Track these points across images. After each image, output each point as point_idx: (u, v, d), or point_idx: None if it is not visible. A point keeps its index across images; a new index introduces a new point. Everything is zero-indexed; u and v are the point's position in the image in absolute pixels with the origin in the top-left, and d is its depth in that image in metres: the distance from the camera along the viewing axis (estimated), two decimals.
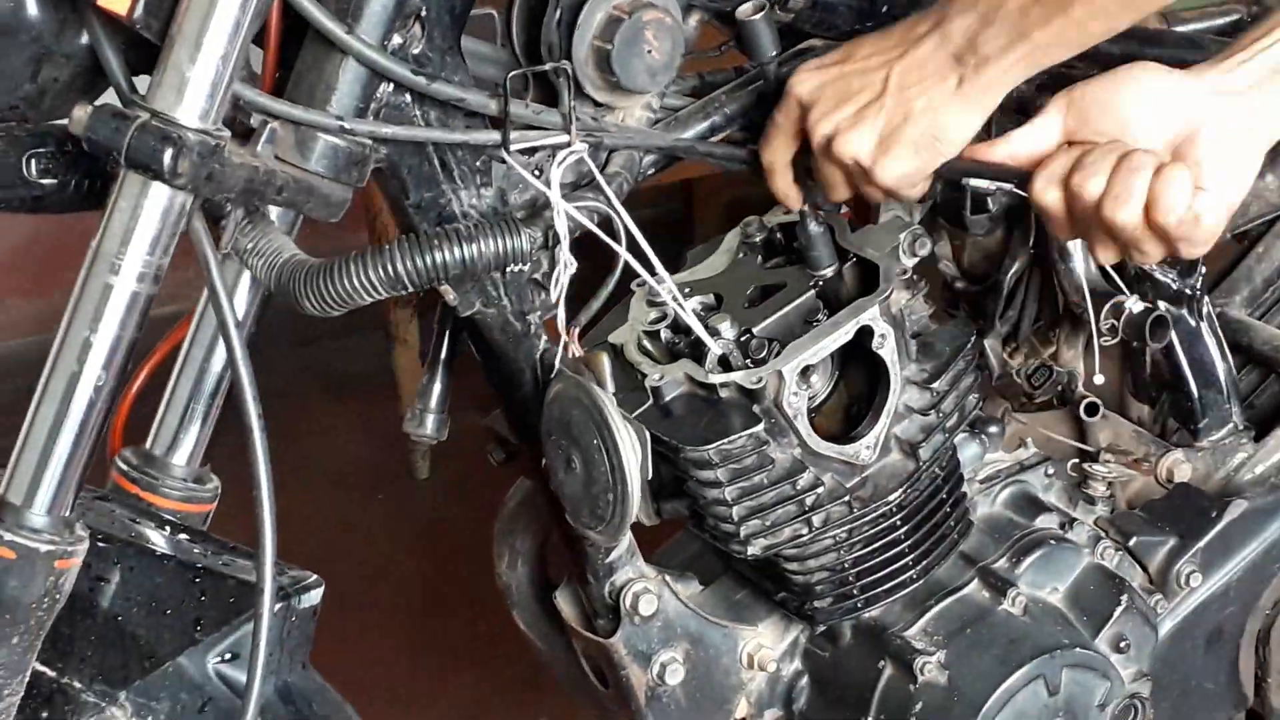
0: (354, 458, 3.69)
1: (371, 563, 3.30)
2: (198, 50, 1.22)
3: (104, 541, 1.37)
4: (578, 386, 1.41)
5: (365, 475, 3.61)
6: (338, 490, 3.56)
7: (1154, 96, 1.44)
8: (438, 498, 3.52)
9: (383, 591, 3.21)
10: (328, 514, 3.43)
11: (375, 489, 3.57)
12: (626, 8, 1.40)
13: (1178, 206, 1.38)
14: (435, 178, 1.40)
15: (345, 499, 3.54)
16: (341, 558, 3.25)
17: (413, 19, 1.34)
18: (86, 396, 1.26)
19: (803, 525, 1.55)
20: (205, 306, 1.46)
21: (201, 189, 1.24)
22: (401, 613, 3.17)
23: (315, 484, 3.50)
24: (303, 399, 3.86)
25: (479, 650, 2.95)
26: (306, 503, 3.40)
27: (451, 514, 3.41)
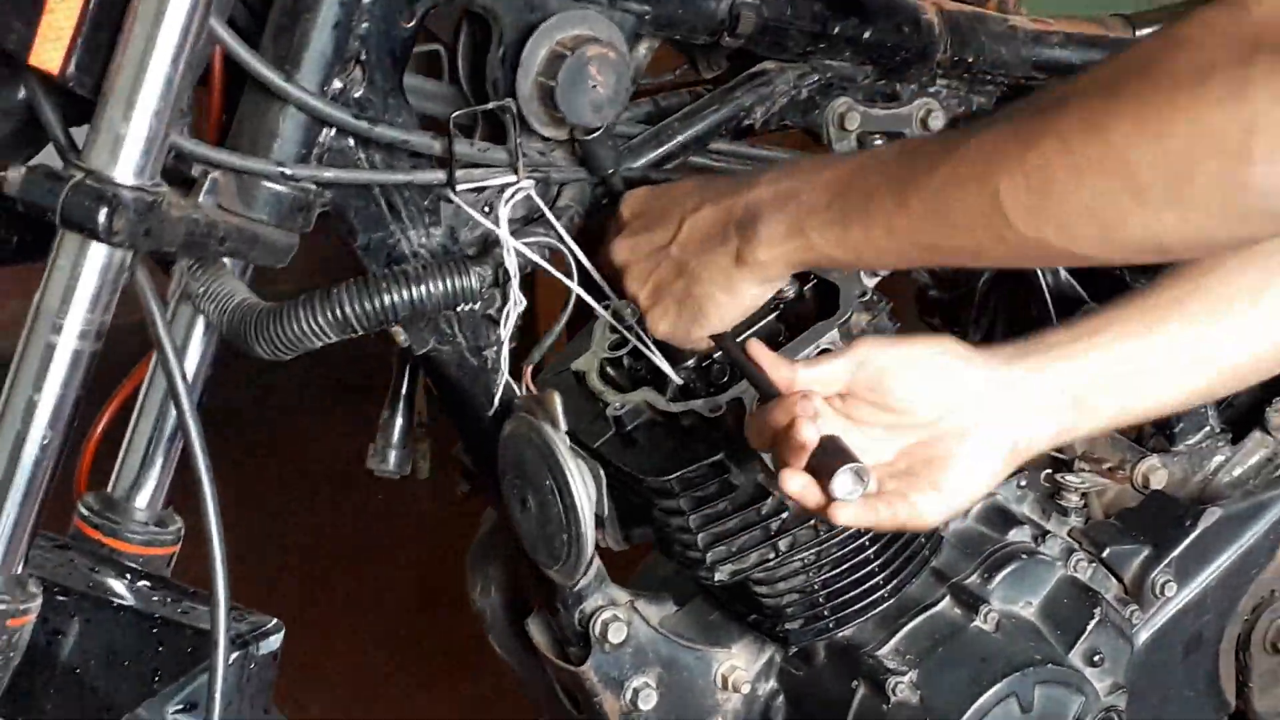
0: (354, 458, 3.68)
1: (371, 564, 3.30)
2: (131, 107, 1.22)
3: (61, 594, 1.36)
4: (530, 426, 1.40)
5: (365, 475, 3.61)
6: (337, 490, 3.56)
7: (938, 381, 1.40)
8: (438, 498, 3.52)
9: (382, 592, 3.22)
10: (328, 514, 3.43)
11: (375, 489, 3.56)
12: (569, 44, 1.39)
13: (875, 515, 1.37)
14: (383, 219, 1.40)
15: (345, 499, 3.54)
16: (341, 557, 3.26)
17: (353, 62, 1.34)
18: (33, 456, 1.26)
19: (769, 550, 1.54)
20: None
21: (140, 245, 1.24)
22: (401, 613, 3.17)
23: (315, 484, 3.51)
24: (303, 399, 3.86)
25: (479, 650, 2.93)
26: (306, 503, 3.41)
27: (451, 514, 3.40)
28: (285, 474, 3.59)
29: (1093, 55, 1.67)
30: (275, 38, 1.31)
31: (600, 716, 1.63)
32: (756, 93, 1.56)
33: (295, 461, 3.59)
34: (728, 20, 1.48)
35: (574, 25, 1.40)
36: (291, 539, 3.39)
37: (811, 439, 1.30)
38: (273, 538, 3.31)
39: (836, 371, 1.39)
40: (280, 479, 3.56)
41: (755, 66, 1.57)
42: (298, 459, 3.61)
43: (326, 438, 3.74)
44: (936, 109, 1.63)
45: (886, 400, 1.38)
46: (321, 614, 3.08)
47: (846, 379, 1.39)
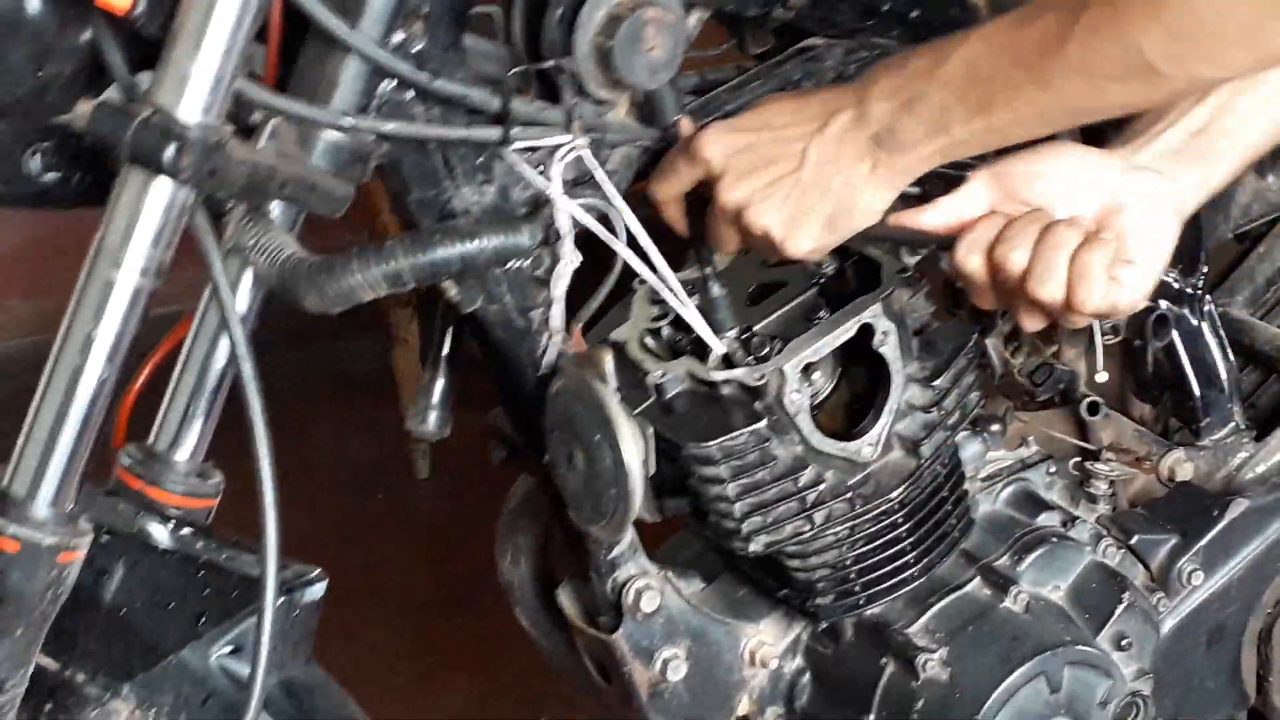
0: (354, 458, 3.69)
1: (371, 563, 3.30)
2: (199, 46, 1.22)
3: (107, 535, 1.37)
4: (580, 382, 1.41)
5: (365, 475, 3.62)
6: (338, 490, 3.57)
7: (1075, 172, 1.47)
8: (438, 498, 3.53)
9: (383, 591, 3.21)
10: (328, 514, 3.43)
11: (375, 489, 3.58)
12: (628, 5, 1.40)
13: (1096, 292, 1.41)
14: (437, 174, 1.41)
15: (345, 499, 3.55)
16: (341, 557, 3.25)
17: (414, 16, 1.34)
18: (89, 391, 1.26)
19: (804, 522, 1.55)
20: (207, 303, 1.46)
21: (204, 184, 1.24)
22: (401, 612, 3.17)
23: (315, 484, 3.50)
24: (303, 399, 3.86)
25: (479, 650, 2.95)
26: (306, 502, 3.40)
27: (451, 514, 3.41)
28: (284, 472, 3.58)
29: None
30: None
31: (629, 687, 1.63)
32: (804, 68, 1.57)
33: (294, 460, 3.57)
34: None
35: None
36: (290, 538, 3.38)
37: None
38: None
39: (973, 194, 1.47)
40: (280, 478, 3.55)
41: (803, 43, 1.58)
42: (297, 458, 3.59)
43: (326, 436, 3.74)
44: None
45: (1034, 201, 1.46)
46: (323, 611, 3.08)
47: (985, 201, 1.47)
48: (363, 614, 3.05)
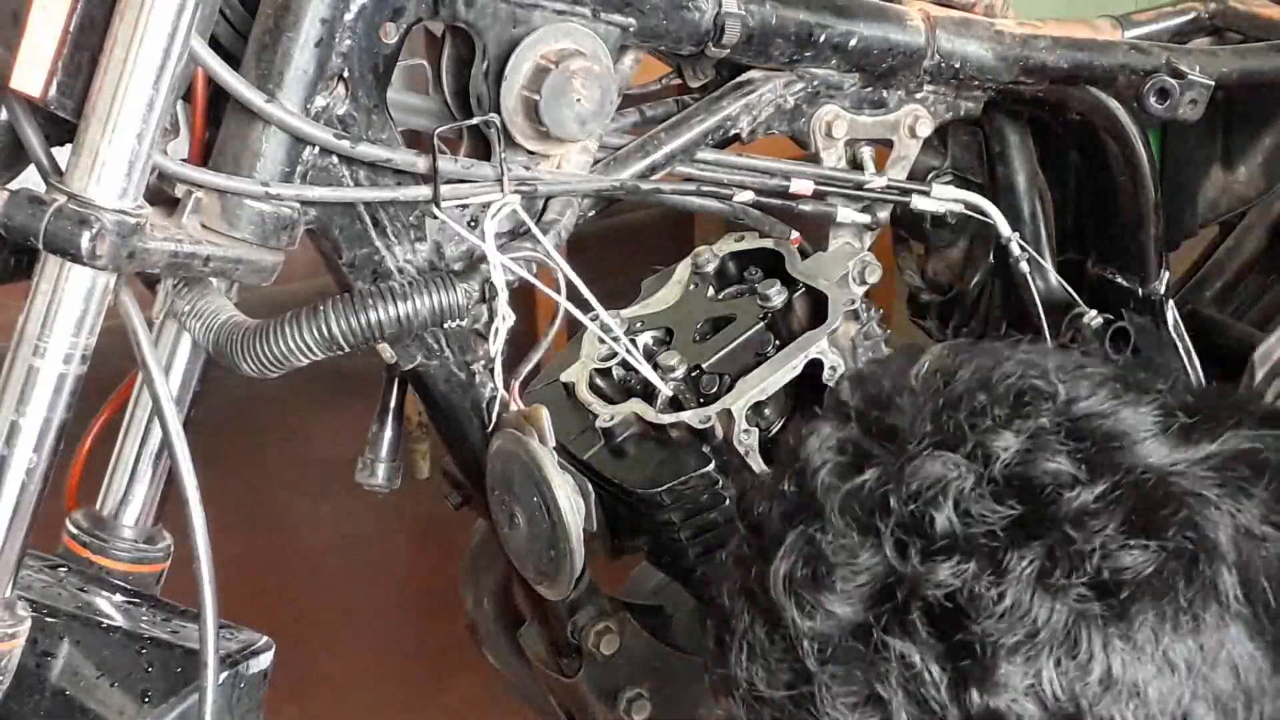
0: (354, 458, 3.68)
1: (371, 563, 3.30)
2: (112, 130, 1.21)
3: (50, 616, 1.36)
4: (517, 442, 1.40)
5: None
6: (338, 490, 3.56)
7: None
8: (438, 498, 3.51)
9: (382, 591, 3.21)
10: (327, 514, 3.43)
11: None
12: (553, 57, 1.38)
13: None
14: (367, 235, 1.39)
15: (345, 499, 3.54)
16: (341, 558, 3.26)
17: (335, 80, 1.33)
18: (18, 480, 1.25)
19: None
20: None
21: (123, 268, 1.23)
22: (401, 612, 3.17)
23: (315, 484, 3.50)
24: (302, 399, 3.86)
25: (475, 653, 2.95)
26: (306, 502, 3.41)
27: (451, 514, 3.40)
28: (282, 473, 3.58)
29: (1081, 58, 1.66)
30: (258, 56, 1.31)
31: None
32: (743, 102, 1.55)
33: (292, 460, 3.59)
34: (713, 30, 1.48)
35: (557, 39, 1.39)
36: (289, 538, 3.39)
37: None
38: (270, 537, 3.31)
39: None
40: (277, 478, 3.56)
41: (742, 75, 1.56)
42: (294, 458, 3.60)
43: (323, 436, 3.74)
44: (924, 115, 1.62)
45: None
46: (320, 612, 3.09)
47: None
48: (363, 614, 3.06)
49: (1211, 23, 1.86)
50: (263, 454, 3.61)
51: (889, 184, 1.59)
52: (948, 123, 1.67)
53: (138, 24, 1.20)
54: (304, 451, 3.62)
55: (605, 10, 1.42)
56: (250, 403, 3.67)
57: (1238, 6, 1.85)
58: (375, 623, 3.10)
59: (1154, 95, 1.67)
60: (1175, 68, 1.68)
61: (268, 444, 3.65)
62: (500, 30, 1.38)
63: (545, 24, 1.39)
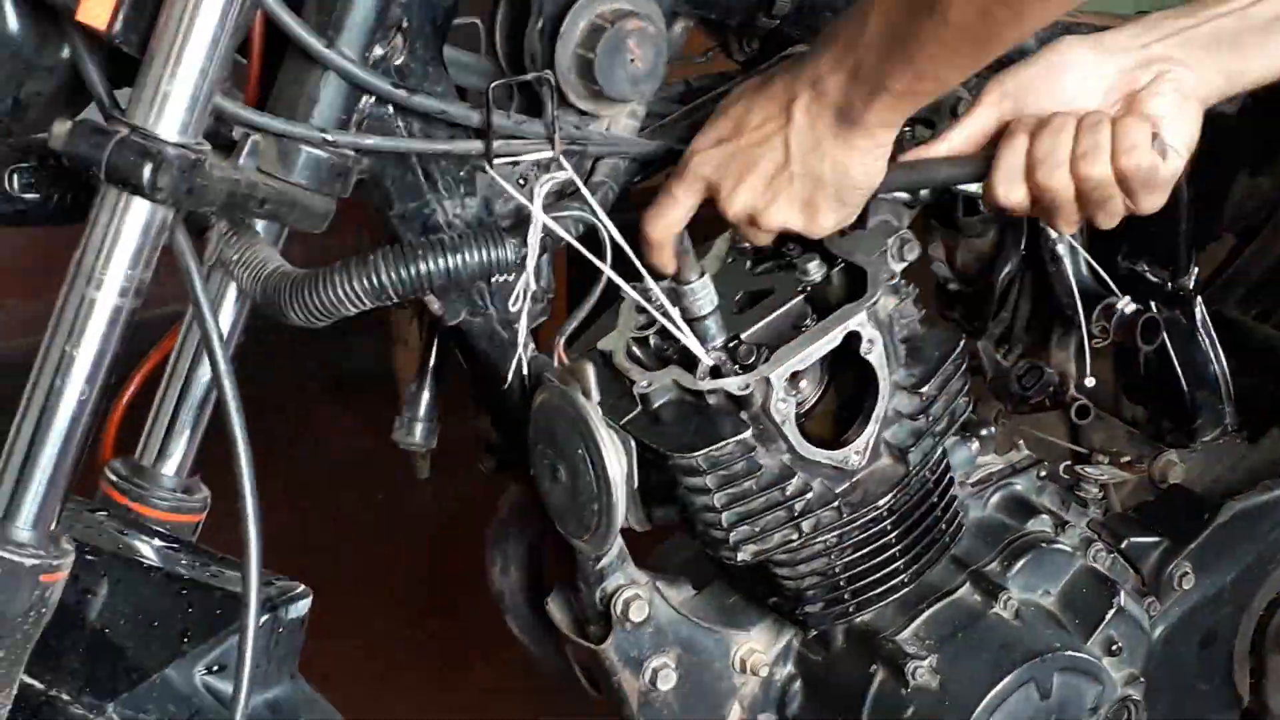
0: (354, 458, 3.69)
1: (371, 563, 3.30)
2: (176, 65, 1.22)
3: (91, 554, 1.36)
4: (562, 396, 1.41)
5: (365, 475, 3.61)
6: (338, 490, 3.56)
7: (1086, 68, 1.47)
8: (438, 498, 3.52)
9: (383, 591, 3.21)
10: (328, 514, 3.43)
11: (375, 489, 3.57)
12: (609, 16, 1.40)
13: (1142, 149, 1.41)
14: (419, 188, 1.40)
15: (345, 499, 3.54)
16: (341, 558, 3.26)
17: (394, 30, 1.34)
18: (69, 411, 1.25)
19: (792, 531, 1.54)
20: (191, 319, 1.46)
21: (182, 203, 1.24)
22: (402, 612, 3.17)
23: (315, 484, 3.51)
24: (303, 399, 3.86)
25: (479, 650, 2.95)
26: (306, 503, 3.41)
27: (451, 514, 3.41)
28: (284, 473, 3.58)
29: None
30: (319, 3, 1.31)
31: (619, 696, 1.63)
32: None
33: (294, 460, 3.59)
34: (763, 1, 1.49)
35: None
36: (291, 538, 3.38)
37: None
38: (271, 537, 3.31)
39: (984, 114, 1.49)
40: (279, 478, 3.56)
41: (788, 50, 1.57)
42: (296, 458, 3.60)
43: (325, 436, 3.74)
44: (966, 96, 1.63)
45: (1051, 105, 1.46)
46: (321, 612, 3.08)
47: (995, 117, 1.48)
48: (363, 613, 3.05)
49: None
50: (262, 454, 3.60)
51: None
52: None
53: None
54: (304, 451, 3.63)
55: None
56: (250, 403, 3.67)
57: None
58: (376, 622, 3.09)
59: None
60: None
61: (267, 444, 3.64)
62: None
63: None
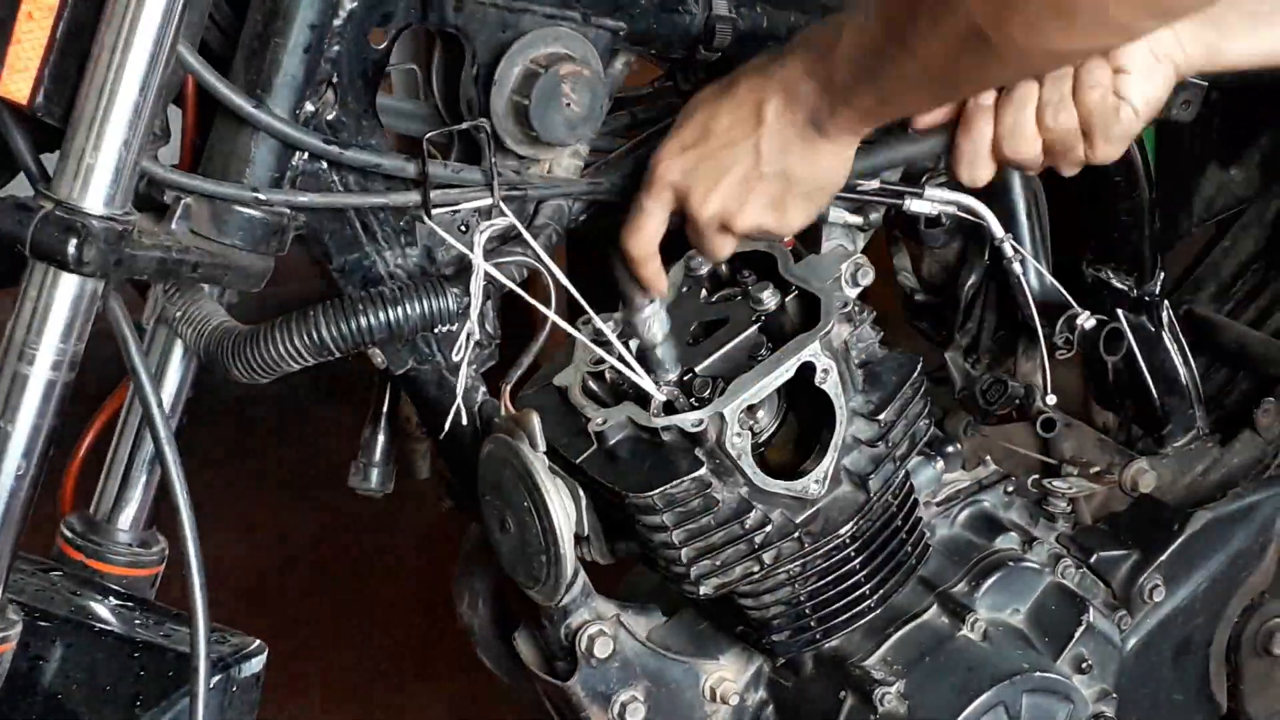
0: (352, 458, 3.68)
1: (371, 563, 3.30)
2: (99, 136, 1.21)
3: (43, 619, 1.36)
4: (507, 447, 1.40)
5: None
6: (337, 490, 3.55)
7: None
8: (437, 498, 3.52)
9: (382, 591, 3.21)
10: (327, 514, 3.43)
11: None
12: (543, 61, 1.39)
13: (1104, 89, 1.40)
14: (358, 241, 1.40)
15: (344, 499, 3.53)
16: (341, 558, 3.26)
17: (324, 85, 1.33)
18: (8, 487, 1.25)
19: (754, 563, 1.53)
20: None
21: (111, 274, 1.23)
22: (401, 612, 3.17)
23: (314, 484, 3.50)
24: (302, 399, 3.86)
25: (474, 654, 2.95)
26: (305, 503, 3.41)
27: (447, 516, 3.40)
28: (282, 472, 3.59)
29: None
30: (246, 62, 1.31)
31: None
32: None
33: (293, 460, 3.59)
34: (703, 34, 1.48)
35: (547, 43, 1.40)
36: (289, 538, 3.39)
37: None
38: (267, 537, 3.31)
39: None
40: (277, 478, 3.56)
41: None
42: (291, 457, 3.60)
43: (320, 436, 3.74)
44: None
45: None
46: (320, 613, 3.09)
47: None
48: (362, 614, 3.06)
49: None
50: (262, 454, 3.61)
51: (882, 186, 1.58)
52: None
53: (125, 30, 1.21)
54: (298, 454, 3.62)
55: (595, 14, 1.43)
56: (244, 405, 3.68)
57: None
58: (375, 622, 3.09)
59: None
60: None
61: (262, 447, 3.65)
62: (489, 35, 1.39)
63: (535, 28, 1.40)
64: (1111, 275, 1.80)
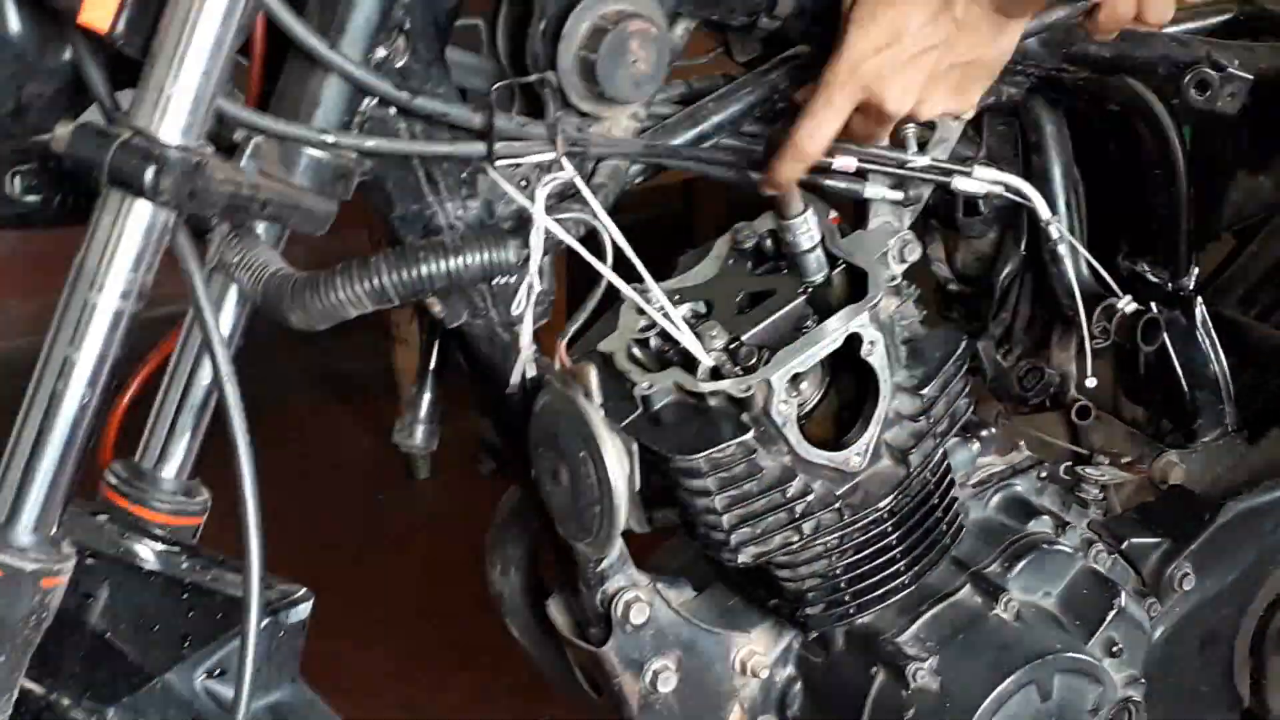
0: (354, 458, 3.69)
1: (371, 563, 3.30)
2: (179, 67, 1.21)
3: (92, 558, 1.35)
4: (564, 399, 1.40)
5: (365, 475, 3.61)
6: (338, 490, 3.56)
7: None
8: (438, 498, 3.52)
9: (383, 592, 3.21)
10: (327, 514, 3.43)
11: (375, 489, 3.57)
12: (612, 18, 1.39)
13: None
14: (420, 190, 1.40)
15: (345, 499, 3.54)
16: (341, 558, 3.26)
17: (396, 32, 1.34)
18: (70, 415, 1.25)
19: (793, 533, 1.54)
20: (192, 320, 1.45)
21: (185, 206, 1.23)
22: (401, 613, 3.17)
23: (315, 484, 3.50)
24: (303, 399, 3.86)
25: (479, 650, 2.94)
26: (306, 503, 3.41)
27: (451, 514, 3.40)
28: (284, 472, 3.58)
29: (1123, 47, 1.68)
30: (321, 4, 1.31)
31: (619, 698, 1.63)
32: (791, 75, 1.56)
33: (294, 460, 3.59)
34: (766, 2, 1.49)
35: (616, 0, 1.40)
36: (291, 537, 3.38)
37: None
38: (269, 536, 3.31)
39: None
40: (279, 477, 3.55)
41: (789, 51, 1.57)
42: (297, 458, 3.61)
43: (326, 436, 3.74)
44: None
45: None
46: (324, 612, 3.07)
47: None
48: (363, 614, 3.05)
49: (1247, 24, 1.87)
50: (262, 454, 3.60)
51: (931, 163, 1.60)
52: (989, 107, 1.68)
53: None
54: (302, 452, 3.63)
55: None
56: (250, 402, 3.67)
57: (1273, 8, 1.87)
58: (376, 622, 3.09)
59: (1194, 87, 1.69)
60: (1215, 60, 1.70)
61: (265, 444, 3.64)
62: None
63: None
64: (1147, 268, 1.81)
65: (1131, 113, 1.73)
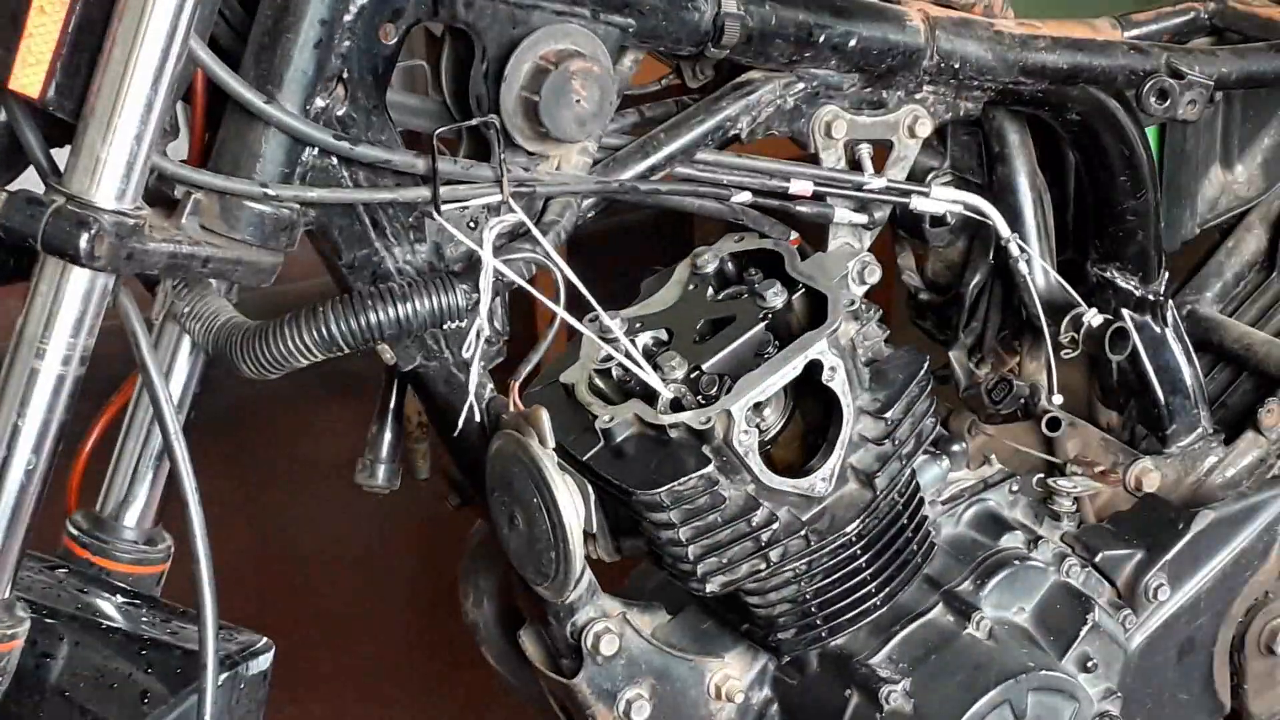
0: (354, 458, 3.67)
1: (371, 563, 3.30)
2: (110, 131, 1.21)
3: (50, 617, 1.36)
4: (517, 443, 1.40)
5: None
6: (337, 490, 3.55)
7: None
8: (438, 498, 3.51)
9: (383, 590, 3.21)
10: (327, 513, 3.43)
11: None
12: (553, 58, 1.38)
13: None
14: (367, 236, 1.40)
15: (345, 499, 3.54)
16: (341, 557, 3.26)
17: (335, 81, 1.33)
18: (17, 481, 1.25)
19: (760, 561, 1.54)
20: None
21: (122, 269, 1.23)
22: (402, 611, 3.17)
23: (315, 483, 3.50)
24: (302, 399, 3.85)
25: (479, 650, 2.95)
26: (306, 503, 3.41)
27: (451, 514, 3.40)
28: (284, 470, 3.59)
29: (1080, 58, 1.66)
30: (257, 57, 1.31)
31: None
32: (742, 102, 1.55)
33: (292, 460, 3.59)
34: (712, 31, 1.48)
35: (557, 40, 1.39)
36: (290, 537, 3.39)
37: None
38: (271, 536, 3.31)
39: None
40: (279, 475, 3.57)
41: (741, 76, 1.56)
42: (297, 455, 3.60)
43: (324, 436, 3.74)
44: (924, 115, 1.62)
45: None
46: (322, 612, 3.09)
47: None
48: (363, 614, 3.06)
49: (1211, 23, 1.86)
50: (263, 454, 3.61)
51: (888, 185, 1.59)
52: (947, 123, 1.67)
53: (137, 25, 1.21)
54: (304, 451, 3.62)
55: (604, 11, 1.42)
56: (250, 403, 3.67)
57: (1237, 6, 1.86)
58: (377, 622, 3.09)
59: (1153, 95, 1.68)
60: (1174, 68, 1.68)
61: (268, 444, 3.65)
62: (499, 31, 1.38)
63: (544, 25, 1.39)
64: (1117, 275, 1.79)
65: (1095, 120, 1.72)
